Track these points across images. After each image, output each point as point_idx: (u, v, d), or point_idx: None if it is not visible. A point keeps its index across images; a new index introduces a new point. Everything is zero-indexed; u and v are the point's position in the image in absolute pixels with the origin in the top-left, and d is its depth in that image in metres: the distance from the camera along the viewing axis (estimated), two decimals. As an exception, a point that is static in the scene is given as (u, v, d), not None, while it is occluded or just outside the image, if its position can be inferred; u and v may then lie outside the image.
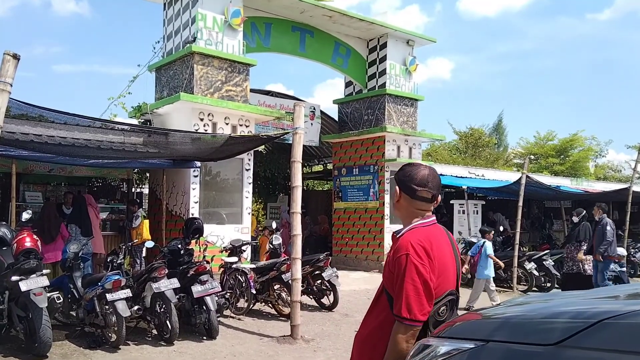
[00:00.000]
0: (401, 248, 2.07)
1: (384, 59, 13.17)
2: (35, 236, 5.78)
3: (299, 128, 6.69)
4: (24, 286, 5.13)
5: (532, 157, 27.45)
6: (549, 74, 59.51)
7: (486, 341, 1.67)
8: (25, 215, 6.55)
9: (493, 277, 9.19)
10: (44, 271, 5.43)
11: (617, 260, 9.68)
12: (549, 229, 18.02)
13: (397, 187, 2.24)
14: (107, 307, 5.78)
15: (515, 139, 58.10)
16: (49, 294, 5.53)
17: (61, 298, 5.83)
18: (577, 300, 2.16)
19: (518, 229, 11.33)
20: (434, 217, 2.24)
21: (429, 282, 2.01)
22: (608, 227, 9.07)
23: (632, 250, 13.95)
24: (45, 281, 5.29)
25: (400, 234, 2.17)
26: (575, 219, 10.56)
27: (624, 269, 9.96)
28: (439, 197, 2.25)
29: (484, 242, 9.10)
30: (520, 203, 11.44)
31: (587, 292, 2.50)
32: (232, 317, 7.65)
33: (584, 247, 9.67)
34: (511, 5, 61.08)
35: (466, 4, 61.73)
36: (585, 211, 10.42)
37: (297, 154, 6.67)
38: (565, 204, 17.48)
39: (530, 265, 10.95)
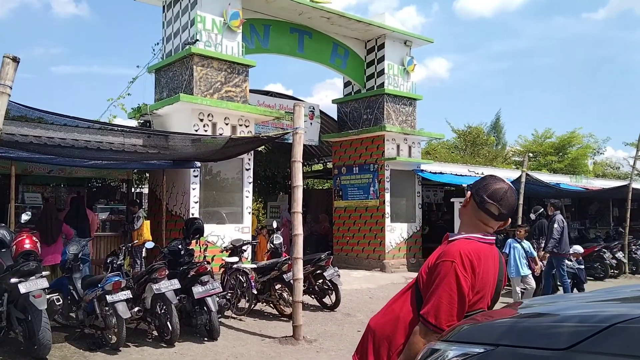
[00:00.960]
0: (449, 254, 2.03)
1: (382, 59, 13.21)
2: (34, 238, 5.74)
3: (299, 128, 6.68)
4: (23, 288, 5.11)
5: (531, 154, 27.49)
6: (545, 72, 59.61)
7: (495, 345, 1.64)
8: (25, 217, 6.53)
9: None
10: (44, 273, 5.40)
11: (574, 258, 9.71)
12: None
13: (468, 192, 2.19)
14: (107, 308, 5.74)
15: (513, 137, 58.37)
16: (48, 296, 5.50)
17: (61, 300, 5.79)
18: (584, 303, 2.13)
19: (518, 228, 11.30)
20: (493, 238, 2.17)
21: (465, 296, 1.98)
22: (555, 225, 8.95)
23: (634, 247, 13.93)
24: (44, 283, 5.26)
25: (453, 239, 2.13)
26: (532, 217, 10.70)
27: (582, 266, 9.94)
28: (509, 220, 2.18)
29: (518, 241, 8.33)
30: (521, 201, 11.42)
31: (592, 295, 2.47)
32: (233, 318, 7.63)
33: (542, 245, 9.66)
34: (507, 4, 61.17)
35: (463, 4, 61.77)
36: (542, 209, 10.49)
37: (298, 154, 6.66)
38: (566, 202, 17.49)
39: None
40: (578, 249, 10.05)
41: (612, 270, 12.74)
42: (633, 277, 13.14)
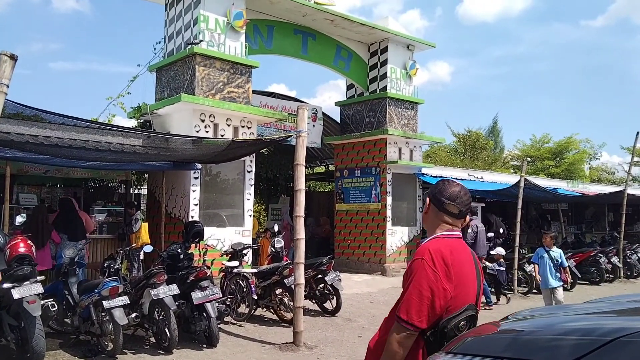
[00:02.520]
0: (418, 253, 2.14)
1: (384, 62, 13.14)
2: (29, 241, 5.56)
3: (302, 131, 6.54)
4: (16, 294, 4.93)
5: (529, 159, 27.50)
6: (543, 78, 59.82)
7: (499, 358, 1.66)
8: (19, 219, 6.36)
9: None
10: (38, 278, 5.24)
11: (496, 259, 10.13)
12: (547, 231, 17.97)
13: (427, 198, 2.34)
14: (103, 314, 5.59)
15: (511, 141, 58.28)
16: (42, 302, 5.33)
17: (55, 305, 5.61)
18: (585, 315, 2.14)
19: (518, 231, 11.25)
20: (459, 233, 2.27)
21: (436, 290, 2.01)
22: (469, 230, 9.54)
23: (628, 251, 13.96)
24: (39, 288, 5.10)
25: (422, 242, 2.25)
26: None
27: (503, 267, 10.15)
28: (468, 217, 2.32)
29: (546, 250, 7.71)
30: (519, 205, 11.36)
31: (592, 306, 2.51)
32: (233, 324, 7.49)
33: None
34: (509, 10, 61.30)
35: (466, 8, 61.91)
36: (477, 213, 10.59)
37: (301, 157, 6.52)
38: (562, 206, 17.48)
39: (530, 268, 10.88)
40: (500, 251, 10.44)
41: (607, 275, 12.86)
42: (628, 282, 13.19)
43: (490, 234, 13.09)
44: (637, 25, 59.54)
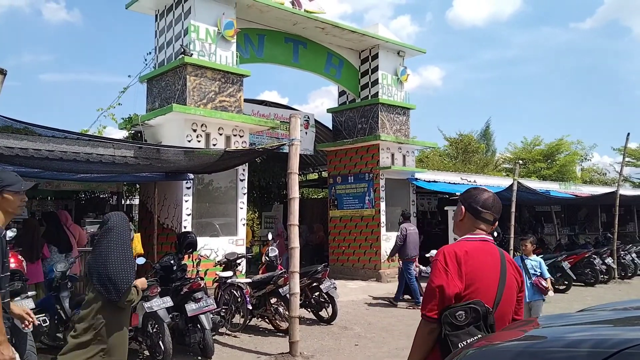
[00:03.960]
0: (435, 255, 2.28)
1: (375, 69, 13.20)
2: (20, 256, 5.49)
3: (295, 139, 6.53)
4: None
5: (521, 162, 27.64)
6: (534, 80, 60.37)
7: None
8: (10, 234, 6.26)
9: None
10: (30, 293, 5.17)
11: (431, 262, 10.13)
12: (541, 233, 18.09)
13: (462, 207, 2.42)
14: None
15: (503, 144, 58.76)
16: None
17: (47, 320, 5.54)
18: (587, 325, 2.10)
19: (512, 235, 11.27)
20: (484, 235, 2.37)
21: (445, 285, 2.15)
22: (398, 233, 9.99)
23: (622, 252, 14.03)
24: (30, 304, 5.03)
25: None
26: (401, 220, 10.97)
27: (428, 268, 10.29)
28: (497, 222, 2.46)
29: (523, 258, 6.65)
30: (513, 209, 11.39)
31: (593, 314, 2.47)
32: (228, 335, 7.43)
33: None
34: (498, 14, 61.90)
35: (456, 13, 62.44)
36: (409, 217, 10.81)
37: (294, 166, 6.51)
38: (555, 208, 17.57)
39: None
40: (434, 253, 10.31)
41: (602, 276, 12.90)
42: (622, 282, 13.27)
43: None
44: (626, 27, 60.40)
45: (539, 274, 6.40)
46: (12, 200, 3.15)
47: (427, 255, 10.22)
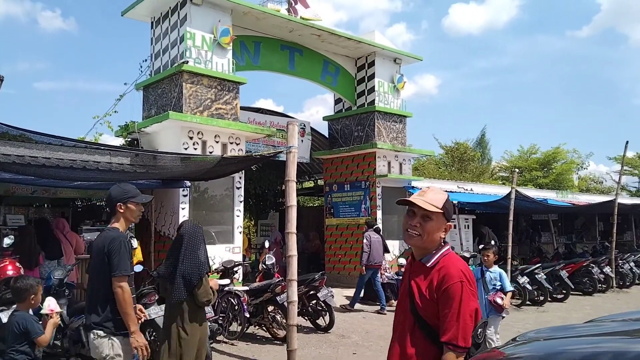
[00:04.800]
0: (454, 276, 2.09)
1: (372, 76, 13.24)
2: (17, 264, 5.45)
3: (292, 147, 6.53)
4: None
5: (517, 170, 27.73)
6: (529, 88, 60.79)
7: None
8: (7, 241, 6.25)
9: None
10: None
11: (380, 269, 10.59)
12: (538, 242, 18.10)
13: (444, 216, 2.23)
14: (94, 336, 5.47)
15: (498, 152, 59.10)
16: (32, 325, 5.20)
17: (45, 329, 5.48)
18: (590, 337, 2.06)
19: (510, 243, 11.27)
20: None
21: (478, 307, 2.12)
22: (365, 240, 10.22)
23: (620, 261, 14.01)
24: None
25: (435, 262, 2.18)
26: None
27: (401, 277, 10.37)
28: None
29: (484, 270, 6.11)
30: (511, 217, 11.39)
31: (597, 327, 2.42)
32: (225, 342, 7.39)
33: None
34: (494, 22, 62.46)
35: (451, 21, 62.99)
36: (373, 225, 11.04)
37: (292, 173, 6.50)
38: (552, 217, 17.60)
39: (523, 280, 10.88)
40: (402, 262, 10.93)
41: (600, 285, 12.86)
42: (621, 292, 13.24)
43: (482, 246, 13.12)
44: (622, 35, 61.02)
45: (498, 287, 5.87)
46: (134, 210, 3.57)
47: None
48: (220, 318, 7.33)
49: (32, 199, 9.70)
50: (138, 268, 6.95)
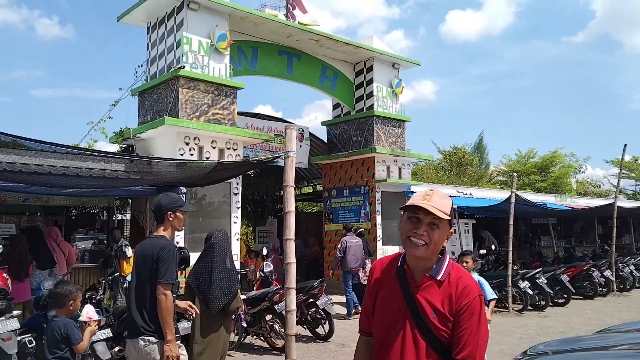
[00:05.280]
0: (473, 289, 1.92)
1: (370, 81, 13.14)
2: (5, 274, 5.27)
3: (290, 151, 6.36)
4: (1, 327, 4.65)
5: (515, 174, 27.68)
6: (526, 93, 60.99)
7: None
8: (-3, 250, 6.06)
9: None
10: (15, 313, 4.94)
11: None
12: (538, 246, 17.98)
13: (450, 224, 1.99)
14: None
15: (496, 157, 59.15)
16: (20, 337, 5.03)
17: (34, 341, 5.29)
18: (608, 352, 2.02)
19: (510, 247, 11.15)
20: None
21: None
22: (339, 245, 10.24)
23: (620, 264, 13.91)
24: (15, 324, 4.81)
25: (446, 273, 1.95)
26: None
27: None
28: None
29: None
30: (511, 221, 11.29)
31: (607, 339, 2.30)
32: (222, 353, 7.18)
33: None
34: (491, 28, 62.71)
35: (448, 28, 63.24)
36: (351, 229, 10.97)
37: (290, 179, 6.32)
38: (552, 221, 17.50)
39: (524, 284, 10.78)
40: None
41: (600, 289, 12.75)
42: (621, 295, 13.14)
43: (483, 251, 13.00)
44: (617, 41, 61.33)
45: None
46: (181, 219, 3.77)
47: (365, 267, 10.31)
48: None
49: (24, 207, 9.51)
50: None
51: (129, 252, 8.85)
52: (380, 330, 1.99)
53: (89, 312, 4.05)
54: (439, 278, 1.93)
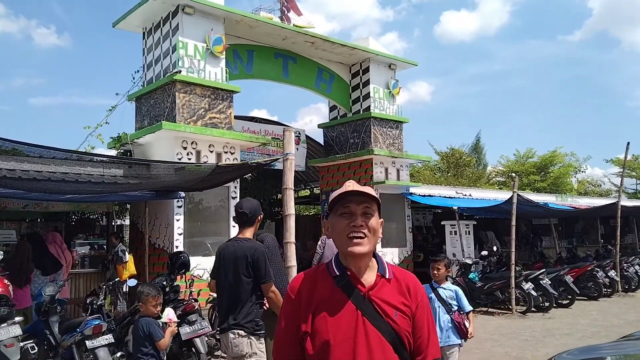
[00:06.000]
0: (419, 283, 1.84)
1: (367, 83, 13.15)
2: (6, 280, 5.25)
3: (289, 154, 6.36)
4: (3, 334, 4.63)
5: (514, 174, 27.68)
6: (522, 93, 61.13)
7: None
8: (-3, 256, 6.04)
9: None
10: (16, 319, 4.92)
11: None
12: (540, 247, 17.90)
13: (379, 208, 1.85)
14: (87, 354, 5.27)
15: (494, 157, 59.29)
16: (22, 343, 5.01)
17: (36, 347, 5.29)
18: None
19: (513, 249, 11.07)
20: None
21: None
22: (319, 242, 9.89)
23: (625, 264, 13.79)
24: (17, 330, 4.80)
25: (391, 272, 1.82)
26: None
27: None
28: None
29: (434, 287, 4.80)
30: (514, 222, 11.22)
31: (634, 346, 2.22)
32: (223, 358, 7.15)
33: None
34: (486, 28, 62.90)
35: (443, 28, 63.41)
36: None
37: (289, 181, 6.30)
38: (553, 221, 17.45)
39: (527, 286, 10.61)
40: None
41: (605, 289, 12.59)
42: (626, 295, 13.00)
43: (484, 252, 12.95)
44: (614, 38, 61.49)
45: (456, 308, 4.67)
46: (259, 222, 4.08)
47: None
48: (218, 332, 7.12)
49: (24, 214, 9.48)
50: (132, 282, 6.77)
51: (126, 257, 8.84)
52: (338, 351, 1.71)
53: (169, 314, 4.38)
54: (387, 276, 1.80)
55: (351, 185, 1.80)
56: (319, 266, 1.88)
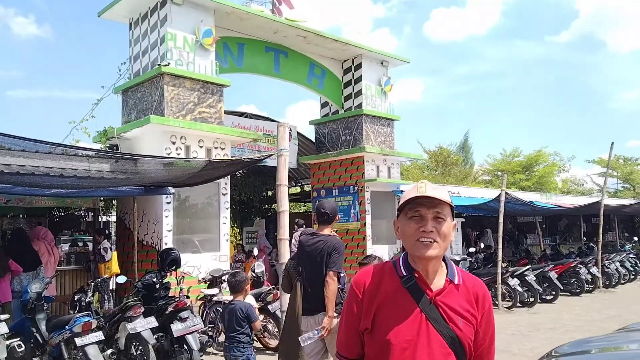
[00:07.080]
0: (487, 291, 1.78)
1: (359, 79, 13.08)
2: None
3: (283, 150, 6.24)
4: (2, 328, 4.47)
5: (499, 173, 27.98)
6: (510, 93, 61.79)
7: None
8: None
9: None
10: (2, 317, 4.75)
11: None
12: (525, 244, 18.13)
13: (452, 211, 1.77)
14: (76, 352, 5.13)
15: (481, 156, 59.88)
16: (8, 342, 4.84)
17: (22, 345, 5.12)
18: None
19: (500, 245, 11.17)
20: None
21: None
22: (293, 240, 10.00)
23: (606, 261, 14.08)
24: (3, 328, 4.61)
25: (460, 277, 1.75)
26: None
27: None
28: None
29: None
30: (501, 220, 11.30)
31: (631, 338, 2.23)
32: (215, 354, 7.04)
33: None
34: (475, 28, 63.39)
35: (432, 26, 63.77)
36: (302, 225, 10.93)
37: (283, 177, 6.20)
38: (538, 219, 17.66)
39: (513, 282, 10.80)
40: None
41: (587, 285, 12.86)
42: (607, 291, 13.28)
43: (472, 249, 13.03)
44: (600, 41, 62.42)
45: None
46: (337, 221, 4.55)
47: None
48: (210, 329, 7.00)
49: (6, 209, 9.22)
50: (122, 279, 6.62)
51: (108, 255, 8.67)
52: (398, 351, 1.70)
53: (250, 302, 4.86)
54: (456, 282, 1.74)
55: (423, 187, 1.70)
56: (386, 263, 1.84)
